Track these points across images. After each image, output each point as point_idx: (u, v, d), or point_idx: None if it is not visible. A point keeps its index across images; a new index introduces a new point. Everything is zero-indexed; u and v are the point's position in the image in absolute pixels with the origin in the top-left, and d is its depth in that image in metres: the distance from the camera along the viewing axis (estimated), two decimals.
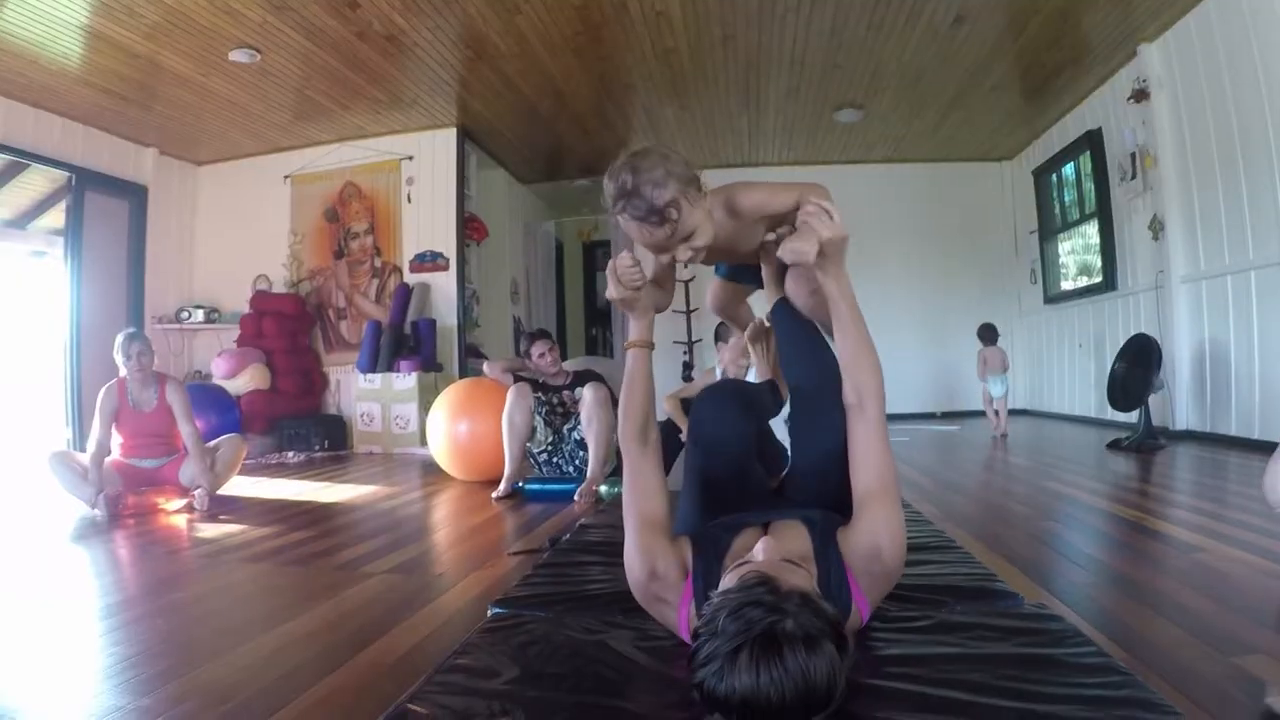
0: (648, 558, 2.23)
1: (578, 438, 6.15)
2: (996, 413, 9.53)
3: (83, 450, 6.10)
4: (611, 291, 2.46)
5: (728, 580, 1.95)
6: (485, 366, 6.72)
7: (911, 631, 2.29)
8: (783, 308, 2.83)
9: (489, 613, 2.65)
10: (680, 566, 2.22)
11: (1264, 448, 6.63)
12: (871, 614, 2.21)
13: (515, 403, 6.04)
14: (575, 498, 5.65)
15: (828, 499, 2.41)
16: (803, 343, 2.76)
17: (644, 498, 2.36)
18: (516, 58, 8.34)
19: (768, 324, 3.02)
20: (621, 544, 2.28)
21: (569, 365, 6.62)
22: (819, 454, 2.51)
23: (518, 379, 6.28)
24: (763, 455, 6.01)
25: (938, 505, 4.88)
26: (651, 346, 2.54)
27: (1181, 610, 2.59)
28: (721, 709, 1.62)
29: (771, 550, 2.02)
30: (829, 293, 2.41)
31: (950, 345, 12.18)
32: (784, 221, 2.52)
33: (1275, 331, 6.83)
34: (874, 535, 2.15)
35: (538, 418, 6.17)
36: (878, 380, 2.36)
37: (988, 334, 9.72)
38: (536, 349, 6.34)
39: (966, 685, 1.91)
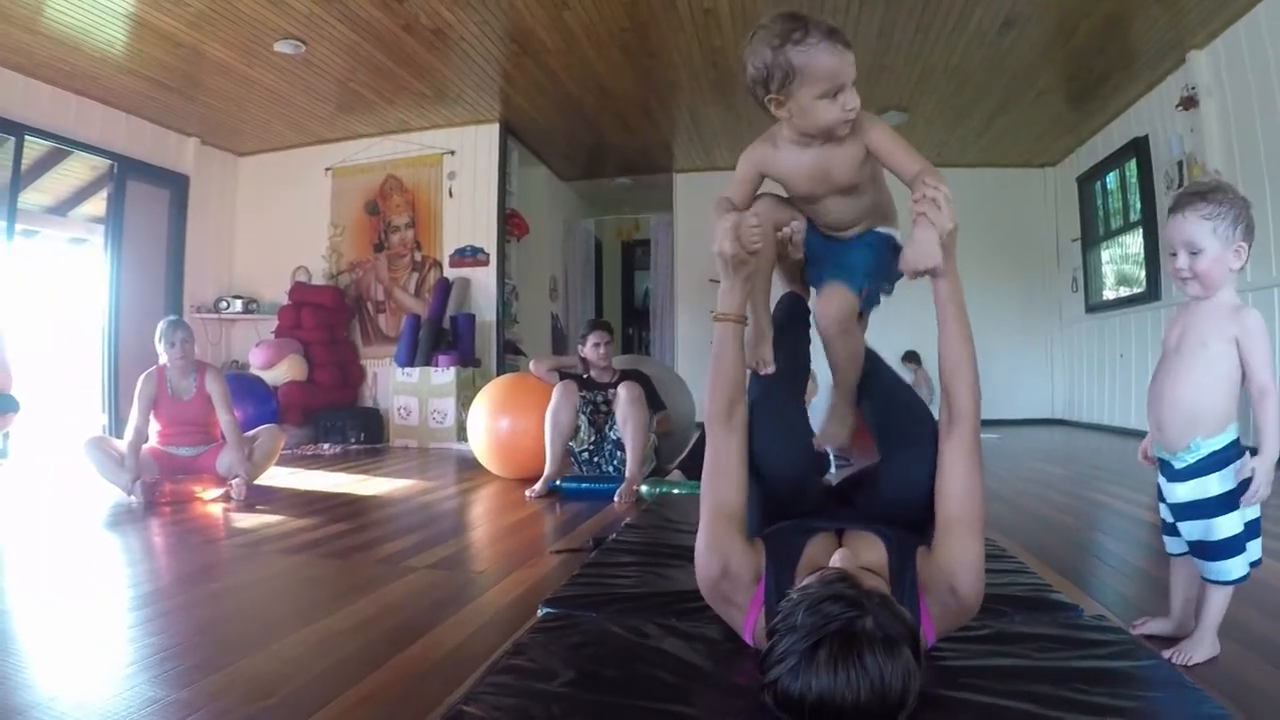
0: (720, 556, 2.19)
1: (615, 437, 6.09)
2: None
3: (119, 436, 6.11)
4: (726, 247, 2.33)
5: (808, 580, 1.89)
6: (531, 364, 6.63)
7: (973, 641, 2.26)
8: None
9: (539, 612, 2.63)
10: (754, 570, 2.18)
11: None
12: (936, 641, 2.14)
13: (561, 400, 5.97)
14: (615, 498, 5.57)
15: (902, 520, 2.34)
16: (887, 377, 2.71)
17: (723, 482, 2.32)
18: (562, 54, 8.32)
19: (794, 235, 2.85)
20: (668, 545, 2.25)
21: (617, 363, 6.57)
22: (907, 484, 2.39)
23: (563, 376, 6.24)
24: None
25: None
26: (745, 321, 2.47)
27: (1238, 626, 2.53)
28: (794, 710, 1.58)
29: (849, 559, 1.98)
30: (939, 295, 2.36)
31: (990, 353, 11.92)
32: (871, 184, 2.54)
33: None
34: (951, 568, 2.08)
35: (582, 416, 6.10)
36: (975, 402, 2.29)
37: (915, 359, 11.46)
38: (594, 337, 6.30)
39: (1034, 697, 1.89)
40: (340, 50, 8.07)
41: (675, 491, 5.53)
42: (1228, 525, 2.28)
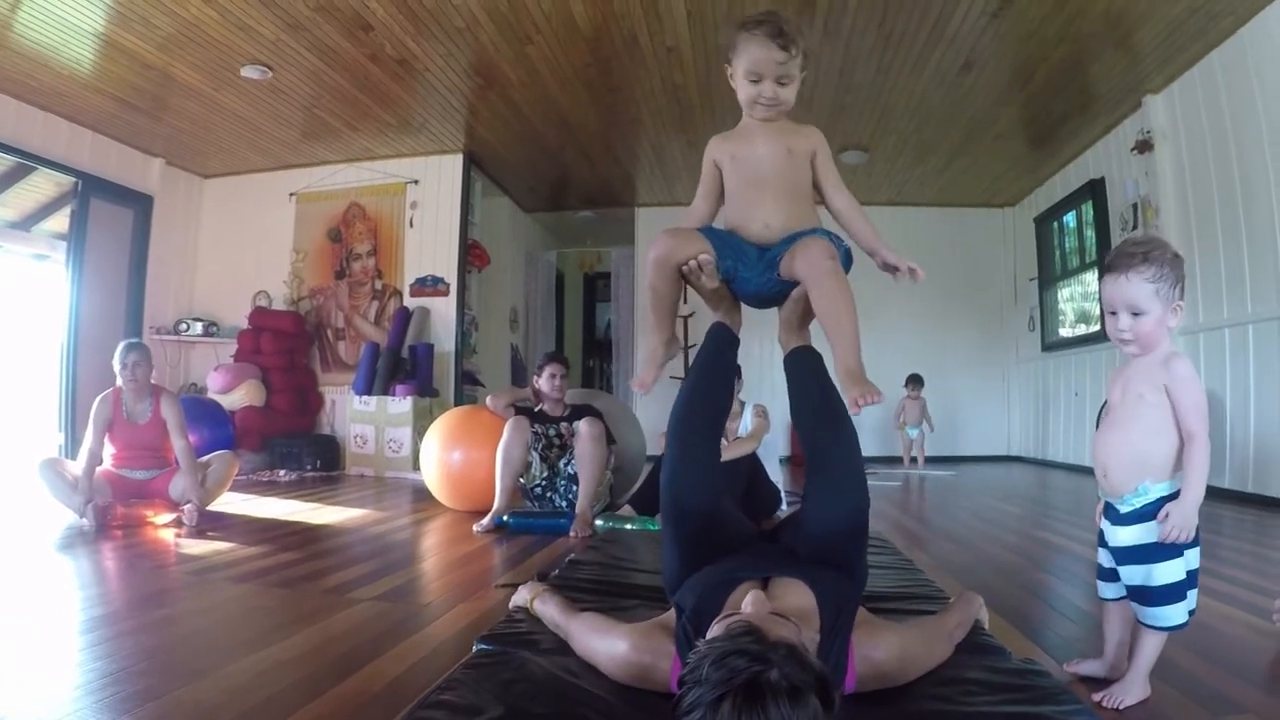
0: (619, 636, 2.32)
1: (572, 472, 6.04)
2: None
3: (74, 458, 6.09)
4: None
5: (714, 630, 1.92)
6: (489, 400, 6.55)
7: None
8: (802, 360, 2.95)
9: (474, 648, 2.64)
10: (665, 630, 2.26)
11: (1257, 501, 6.66)
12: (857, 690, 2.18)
13: (512, 436, 5.92)
14: (571, 533, 5.49)
15: (830, 560, 2.43)
16: (825, 406, 2.77)
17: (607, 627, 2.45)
18: (526, 87, 8.39)
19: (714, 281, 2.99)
20: (610, 582, 2.29)
21: (569, 397, 6.55)
22: (833, 522, 2.51)
23: (517, 411, 6.23)
24: (754, 494, 5.96)
25: (928, 553, 4.84)
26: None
27: (1171, 667, 2.56)
28: None
29: (760, 604, 2.00)
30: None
31: (948, 390, 12.15)
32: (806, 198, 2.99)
33: (1271, 386, 6.86)
34: (889, 666, 2.19)
35: (534, 453, 6.07)
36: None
37: (919, 381, 11.33)
38: (550, 369, 6.28)
39: None
40: (307, 77, 8.11)
41: (628, 526, 5.55)
42: (1169, 572, 2.29)
